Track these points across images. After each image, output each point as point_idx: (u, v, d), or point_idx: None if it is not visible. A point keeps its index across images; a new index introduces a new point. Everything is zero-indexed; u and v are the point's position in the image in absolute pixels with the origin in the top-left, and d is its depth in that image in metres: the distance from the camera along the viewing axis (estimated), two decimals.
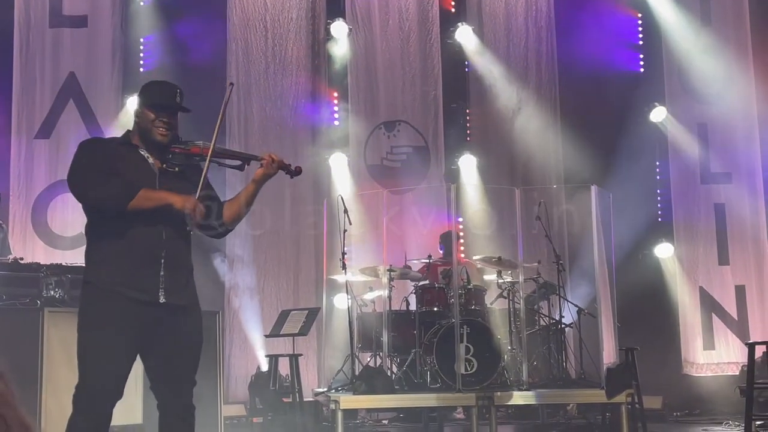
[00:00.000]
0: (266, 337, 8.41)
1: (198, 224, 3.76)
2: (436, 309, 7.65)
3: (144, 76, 9.42)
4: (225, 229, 3.96)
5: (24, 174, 9.44)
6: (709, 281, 10.03)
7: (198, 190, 3.74)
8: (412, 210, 9.75)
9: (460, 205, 9.49)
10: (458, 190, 9.13)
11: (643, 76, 10.62)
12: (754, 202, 10.05)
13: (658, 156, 10.44)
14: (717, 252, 10.06)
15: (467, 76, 10.63)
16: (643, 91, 10.39)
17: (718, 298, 9.97)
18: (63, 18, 9.72)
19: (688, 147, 10.21)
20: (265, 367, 8.86)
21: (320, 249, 9.08)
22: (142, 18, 9.93)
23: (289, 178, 4.02)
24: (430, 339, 7.34)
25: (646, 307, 9.67)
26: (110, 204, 3.67)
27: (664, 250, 10.13)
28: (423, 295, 7.76)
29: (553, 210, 8.64)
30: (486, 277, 8.40)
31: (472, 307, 7.61)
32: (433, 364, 7.19)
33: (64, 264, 6.39)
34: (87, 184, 3.70)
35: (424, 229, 9.46)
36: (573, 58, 10.29)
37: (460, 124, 10.69)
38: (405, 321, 7.72)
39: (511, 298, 7.75)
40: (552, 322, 8.04)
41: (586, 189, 7.74)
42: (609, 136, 10.08)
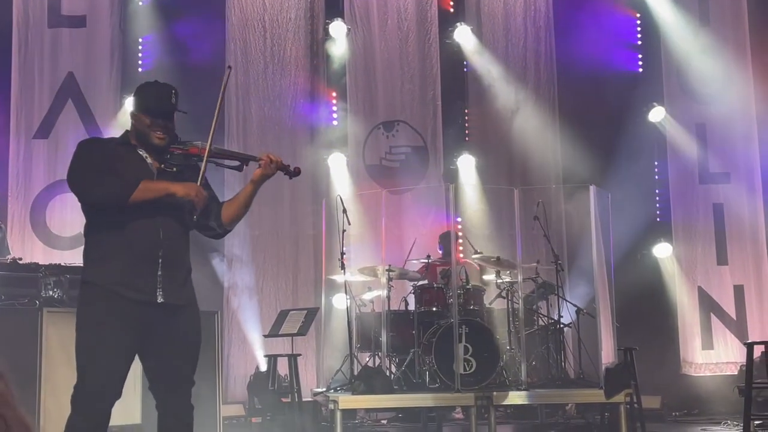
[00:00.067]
0: (265, 337, 8.40)
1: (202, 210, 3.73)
2: (434, 309, 7.66)
3: (142, 76, 9.41)
4: (223, 229, 3.94)
5: (22, 174, 9.44)
6: (707, 281, 10.02)
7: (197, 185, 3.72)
8: (410, 210, 9.76)
9: (458, 205, 9.49)
10: (457, 190, 9.13)
11: (641, 76, 10.62)
12: (752, 202, 10.04)
13: (656, 156, 10.43)
14: (716, 252, 10.06)
15: (466, 76, 10.62)
16: (641, 91, 10.39)
17: (717, 298, 9.97)
18: (62, 18, 9.72)
19: (687, 147, 10.21)
20: (263, 367, 8.86)
21: (319, 249, 9.08)
22: (140, 18, 9.93)
23: (288, 179, 4.00)
24: (429, 339, 7.35)
25: (645, 307, 9.66)
26: (111, 200, 3.64)
27: (662, 250, 10.13)
28: (422, 295, 7.77)
29: (552, 210, 8.65)
30: (485, 277, 8.41)
31: (471, 307, 7.61)
32: (431, 364, 7.19)
33: (62, 264, 6.37)
34: (86, 183, 3.68)
35: (424, 229, 9.46)
36: (571, 58, 10.28)
37: (459, 124, 10.68)
38: (404, 321, 7.72)
39: (510, 298, 7.76)
40: (551, 322, 8.05)
41: (585, 189, 7.74)
42: (608, 136, 10.08)
